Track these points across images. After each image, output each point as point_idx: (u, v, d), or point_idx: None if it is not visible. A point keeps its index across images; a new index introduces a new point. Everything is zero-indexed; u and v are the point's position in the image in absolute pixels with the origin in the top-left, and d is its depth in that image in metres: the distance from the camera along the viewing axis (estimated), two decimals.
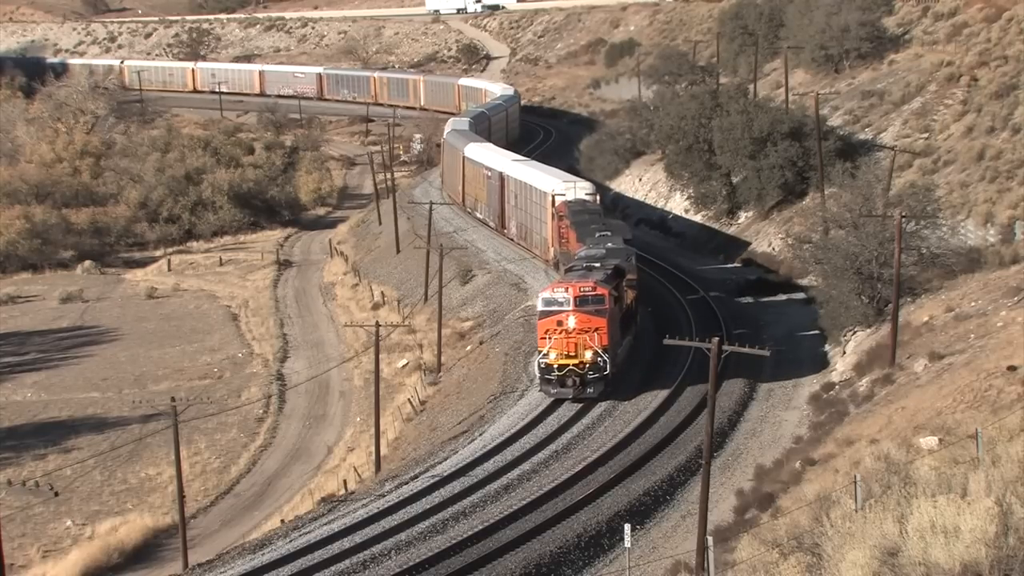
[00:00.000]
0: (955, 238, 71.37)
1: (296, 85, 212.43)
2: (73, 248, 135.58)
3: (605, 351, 58.64)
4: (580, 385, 59.09)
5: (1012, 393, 42.29)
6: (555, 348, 58.79)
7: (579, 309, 58.76)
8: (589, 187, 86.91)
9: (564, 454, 54.08)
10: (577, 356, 58.74)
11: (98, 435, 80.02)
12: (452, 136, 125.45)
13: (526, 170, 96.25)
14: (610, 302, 59.40)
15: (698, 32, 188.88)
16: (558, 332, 58.72)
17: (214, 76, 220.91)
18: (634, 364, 65.67)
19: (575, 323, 58.57)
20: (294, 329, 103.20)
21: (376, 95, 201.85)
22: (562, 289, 59.63)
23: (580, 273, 63.45)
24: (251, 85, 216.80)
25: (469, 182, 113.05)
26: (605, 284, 60.32)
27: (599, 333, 58.63)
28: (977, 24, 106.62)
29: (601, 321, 58.70)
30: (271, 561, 45.33)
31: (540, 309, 59.77)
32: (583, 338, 58.54)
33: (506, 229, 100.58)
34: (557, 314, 58.88)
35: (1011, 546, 27.38)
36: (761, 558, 33.34)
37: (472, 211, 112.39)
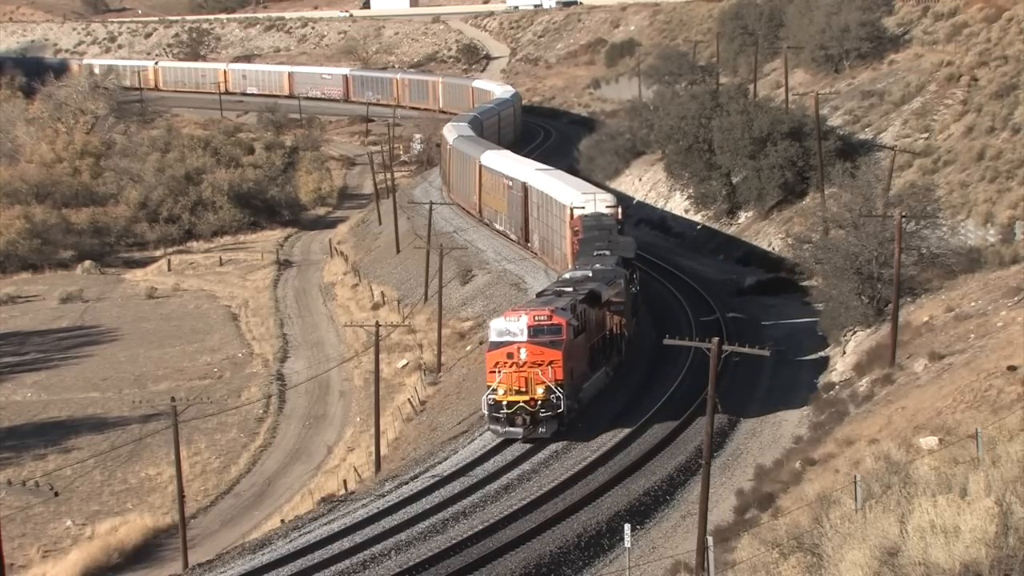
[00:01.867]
0: (955, 238, 71.37)
1: (324, 87, 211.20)
2: (73, 248, 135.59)
3: (560, 387, 53.80)
4: (531, 424, 54.10)
5: (1012, 393, 42.29)
6: (504, 383, 53.93)
7: (533, 340, 54.07)
8: (610, 199, 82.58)
9: (564, 454, 54.09)
10: (528, 392, 53.84)
11: (98, 435, 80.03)
12: (462, 142, 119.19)
13: (549, 180, 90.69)
14: (568, 332, 54.73)
15: (698, 32, 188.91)
16: (508, 365, 53.98)
17: (245, 78, 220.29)
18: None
19: (527, 356, 53.83)
20: (294, 329, 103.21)
21: (399, 97, 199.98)
22: (515, 318, 54.90)
23: (545, 299, 59.35)
24: (280, 87, 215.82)
25: (487, 192, 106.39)
26: (564, 313, 55.56)
27: (553, 367, 53.79)
28: (977, 24, 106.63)
29: (556, 354, 53.89)
30: (271, 561, 45.32)
31: (491, 340, 55.27)
32: (535, 372, 53.73)
33: (529, 243, 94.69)
34: (508, 346, 54.16)
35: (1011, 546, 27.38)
36: (761, 558, 33.34)
37: (490, 223, 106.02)
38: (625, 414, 58.51)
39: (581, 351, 57.10)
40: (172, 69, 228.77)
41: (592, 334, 59.32)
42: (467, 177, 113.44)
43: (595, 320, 59.91)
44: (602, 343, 61.42)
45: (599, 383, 60.68)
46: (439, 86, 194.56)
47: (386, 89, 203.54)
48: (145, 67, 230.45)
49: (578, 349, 56.46)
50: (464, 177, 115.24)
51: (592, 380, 59.22)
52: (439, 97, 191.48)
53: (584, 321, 57.57)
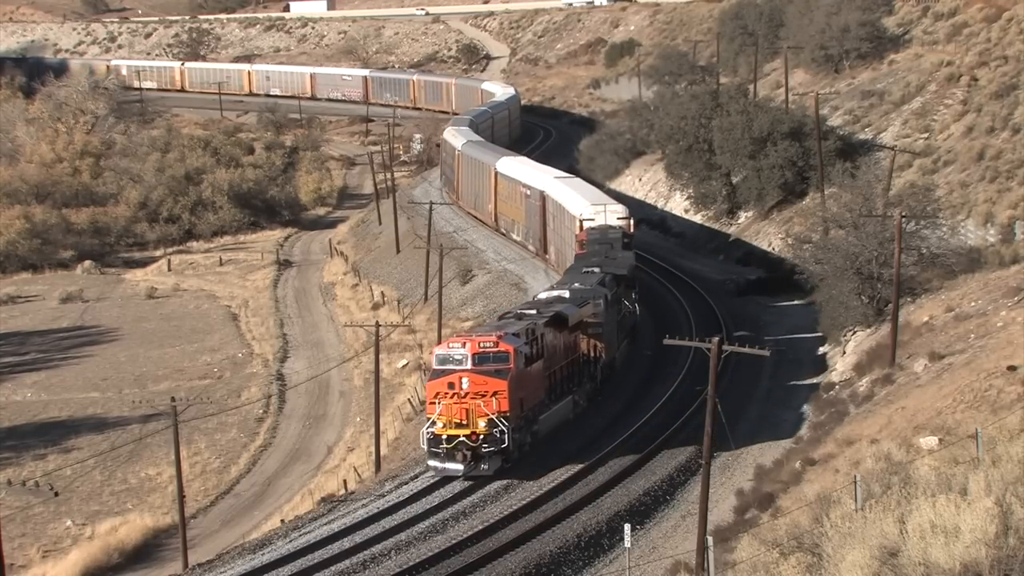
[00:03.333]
0: (955, 238, 71.37)
1: (344, 88, 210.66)
2: (73, 248, 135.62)
3: (505, 420, 49.82)
4: (472, 460, 50.24)
5: (1012, 393, 42.28)
6: (444, 415, 50.01)
7: (476, 369, 50.12)
8: (621, 211, 79.35)
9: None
10: (469, 425, 49.94)
11: (98, 435, 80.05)
12: (473, 148, 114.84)
13: (565, 189, 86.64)
14: (517, 360, 50.70)
15: (698, 32, 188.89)
16: (449, 396, 49.96)
17: (269, 79, 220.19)
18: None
19: (469, 386, 49.88)
20: (294, 329, 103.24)
21: (415, 99, 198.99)
22: (459, 344, 51.08)
23: (504, 322, 55.65)
24: (302, 88, 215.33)
25: (503, 201, 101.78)
26: (513, 339, 51.34)
27: (498, 398, 49.81)
28: (977, 24, 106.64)
29: (501, 384, 49.84)
30: (271, 561, 45.32)
31: (433, 367, 51.49)
32: (477, 404, 49.84)
33: (548, 255, 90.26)
34: (449, 374, 50.14)
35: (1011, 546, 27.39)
36: (761, 558, 33.34)
37: (507, 233, 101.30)
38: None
39: (535, 380, 53.07)
40: (198, 70, 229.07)
41: (554, 360, 55.44)
42: (481, 185, 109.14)
43: (561, 345, 56.14)
44: (570, 370, 57.46)
45: (562, 414, 56.70)
46: (452, 88, 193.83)
47: (403, 91, 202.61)
48: (172, 68, 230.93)
49: (531, 378, 52.50)
50: (477, 185, 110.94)
51: (553, 411, 55.26)
52: (452, 99, 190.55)
53: (541, 347, 53.61)
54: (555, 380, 55.59)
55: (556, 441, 55.01)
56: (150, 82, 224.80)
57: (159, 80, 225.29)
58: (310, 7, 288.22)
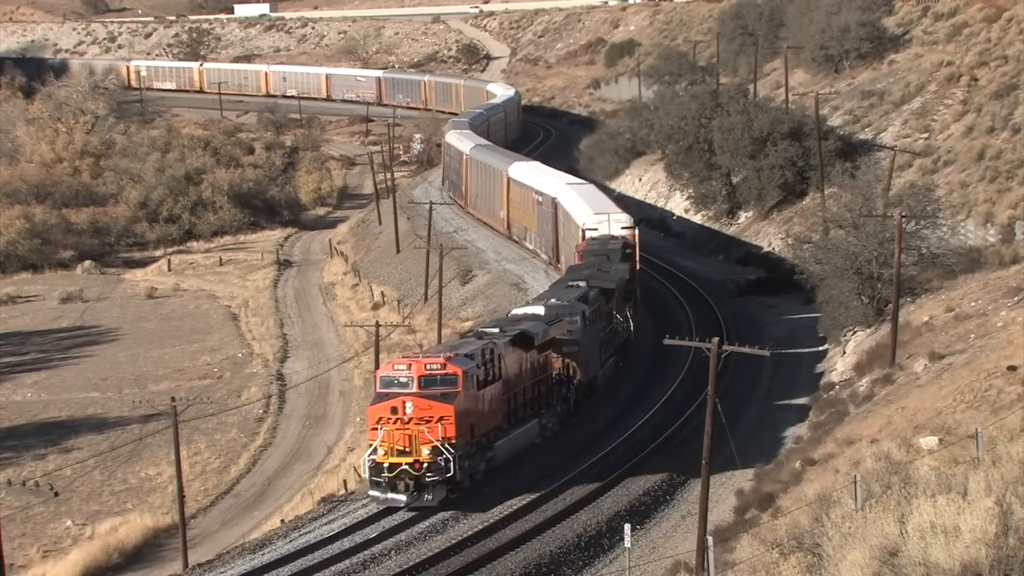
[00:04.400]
0: (955, 238, 71.41)
1: (358, 89, 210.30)
2: (73, 248, 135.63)
3: (451, 447, 46.58)
4: (415, 490, 46.93)
5: (1012, 393, 42.29)
6: (386, 442, 46.92)
7: (421, 392, 47.07)
8: (626, 220, 77.55)
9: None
10: (412, 453, 46.76)
11: (98, 435, 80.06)
12: (482, 152, 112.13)
13: (574, 196, 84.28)
14: (467, 383, 47.57)
15: (698, 32, 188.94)
16: (391, 422, 46.96)
17: (285, 80, 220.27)
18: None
19: (413, 410, 46.80)
20: (294, 329, 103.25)
21: (426, 99, 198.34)
22: (404, 366, 47.89)
23: (457, 343, 53.41)
24: (318, 89, 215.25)
25: (516, 207, 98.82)
26: (464, 360, 48.22)
27: (444, 424, 46.63)
28: (977, 24, 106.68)
29: (447, 408, 46.67)
30: (271, 561, 45.30)
31: (376, 391, 48.48)
32: (421, 430, 46.70)
33: (560, 265, 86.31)
34: (393, 398, 47.16)
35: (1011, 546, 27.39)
36: (761, 558, 33.35)
37: (520, 241, 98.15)
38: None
39: (491, 403, 49.83)
40: (216, 71, 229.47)
41: (517, 382, 52.36)
42: (492, 191, 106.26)
43: (525, 365, 53.07)
44: (536, 391, 54.42)
45: (526, 438, 53.36)
46: (460, 89, 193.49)
47: (415, 92, 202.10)
48: (190, 68, 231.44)
49: (485, 401, 49.29)
50: (488, 191, 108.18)
51: (513, 436, 51.96)
52: (461, 100, 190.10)
53: (499, 368, 50.43)
54: (517, 403, 52.45)
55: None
56: (169, 83, 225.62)
57: (178, 81, 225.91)
58: (255, 8, 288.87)
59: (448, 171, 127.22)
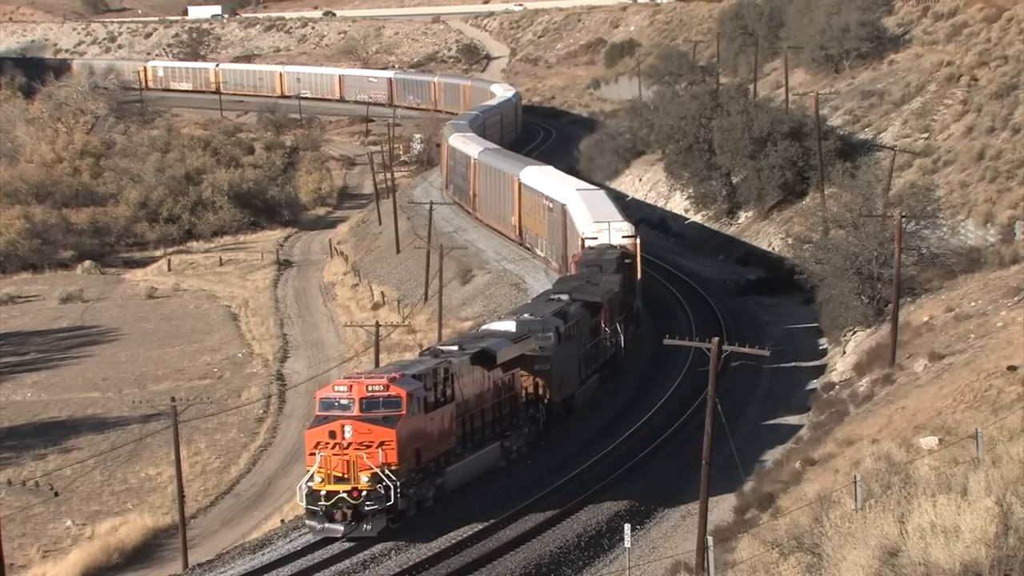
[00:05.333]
0: (955, 238, 71.40)
1: (370, 90, 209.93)
2: (73, 248, 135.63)
3: (392, 473, 43.86)
4: (353, 519, 44.24)
5: (1012, 393, 42.28)
6: (323, 468, 44.23)
7: (362, 415, 44.39)
8: (627, 229, 75.03)
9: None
10: (351, 480, 44.08)
11: (98, 435, 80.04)
12: (492, 156, 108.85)
13: (581, 204, 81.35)
14: (412, 406, 44.97)
15: (698, 32, 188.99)
16: (330, 446, 44.29)
17: (299, 81, 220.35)
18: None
19: (352, 435, 44.10)
20: (294, 329, 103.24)
21: (436, 100, 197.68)
22: (344, 388, 45.26)
23: (407, 362, 51.01)
24: (331, 90, 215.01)
25: (527, 214, 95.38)
26: (409, 381, 45.52)
27: (385, 449, 43.94)
28: (977, 24, 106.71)
29: (389, 433, 44.03)
30: (271, 561, 45.32)
31: (316, 413, 45.68)
32: (360, 456, 43.97)
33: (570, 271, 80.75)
34: (332, 422, 44.52)
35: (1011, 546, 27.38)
36: (761, 558, 33.36)
37: (532, 248, 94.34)
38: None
39: (441, 426, 47.17)
40: (232, 71, 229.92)
41: (475, 403, 49.61)
42: (502, 196, 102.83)
43: (487, 385, 50.38)
44: (499, 412, 51.62)
45: (484, 463, 50.45)
46: (467, 90, 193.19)
47: (425, 93, 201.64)
48: (207, 68, 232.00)
49: (434, 424, 46.67)
50: (498, 196, 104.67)
51: (468, 461, 49.06)
52: (468, 100, 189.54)
53: (452, 389, 47.75)
54: (474, 425, 49.63)
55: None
56: (186, 83, 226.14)
57: (195, 81, 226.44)
58: (206, 10, 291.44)
59: (454, 175, 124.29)
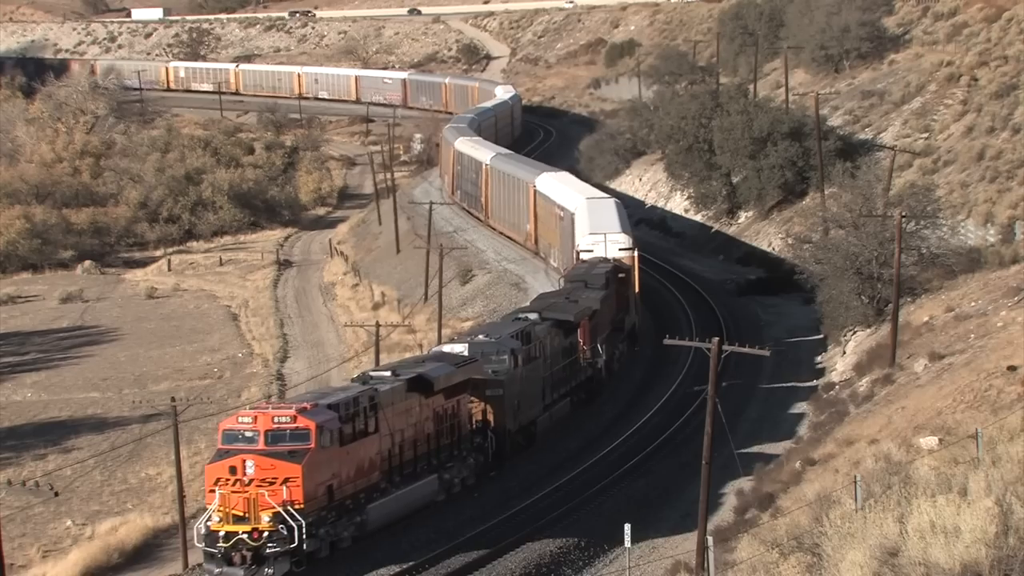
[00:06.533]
0: (955, 238, 71.42)
1: (385, 92, 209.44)
2: (73, 248, 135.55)
3: (297, 513, 40.96)
4: (253, 563, 41.13)
5: (1012, 393, 42.30)
6: (222, 507, 41.34)
7: (267, 449, 41.52)
8: (624, 241, 72.01)
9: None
10: (251, 519, 41.18)
11: (98, 435, 79.98)
12: (504, 162, 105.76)
13: (584, 214, 78.07)
14: (323, 438, 41.92)
15: (698, 32, 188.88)
16: (229, 483, 41.40)
17: (317, 82, 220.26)
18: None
19: (254, 470, 41.24)
20: (294, 329, 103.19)
21: (447, 102, 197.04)
22: (249, 419, 42.42)
23: (324, 390, 48.72)
24: (348, 91, 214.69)
25: (542, 222, 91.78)
26: (323, 413, 42.63)
27: (290, 486, 41.08)
28: (977, 24, 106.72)
29: (294, 468, 41.16)
30: None
31: (218, 446, 43.04)
32: (261, 493, 41.09)
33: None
34: (233, 456, 41.68)
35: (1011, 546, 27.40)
36: (761, 558, 33.38)
37: (546, 258, 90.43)
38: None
39: (362, 460, 44.05)
40: (252, 72, 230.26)
41: (408, 433, 46.64)
42: (517, 204, 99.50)
43: (422, 414, 47.42)
44: (437, 442, 48.40)
45: (418, 497, 47.22)
46: (475, 91, 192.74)
47: (436, 94, 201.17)
48: (227, 69, 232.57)
49: (352, 458, 43.53)
50: (512, 203, 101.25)
51: (396, 496, 45.81)
52: (476, 101, 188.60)
53: (376, 419, 44.64)
54: (403, 458, 46.46)
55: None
56: (207, 84, 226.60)
57: (215, 82, 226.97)
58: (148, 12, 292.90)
59: (461, 180, 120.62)
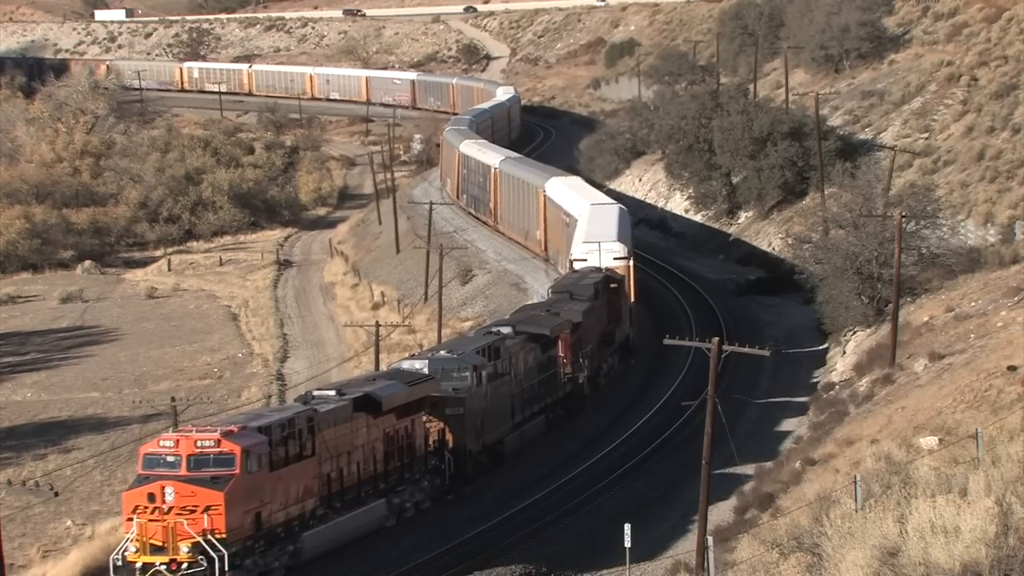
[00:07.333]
0: (955, 238, 71.43)
1: (395, 92, 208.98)
2: (73, 248, 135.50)
3: (219, 542, 38.94)
4: None
5: (1012, 393, 42.30)
6: (140, 536, 39.55)
7: (188, 475, 39.59)
8: (619, 250, 69.91)
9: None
10: (169, 550, 39.21)
11: (98, 435, 79.95)
12: (513, 166, 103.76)
13: (585, 221, 76.26)
14: (250, 464, 39.90)
15: (698, 32, 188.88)
16: (148, 511, 39.74)
17: (328, 83, 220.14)
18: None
19: (174, 498, 39.35)
20: (294, 329, 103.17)
21: (454, 103, 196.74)
22: (171, 442, 40.48)
23: (262, 412, 46.21)
24: (359, 92, 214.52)
25: (551, 227, 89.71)
26: (251, 436, 40.54)
27: (211, 515, 39.06)
28: (977, 24, 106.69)
29: (215, 496, 39.15)
30: None
31: (138, 471, 41.22)
32: (180, 522, 39.16)
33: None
34: (152, 482, 39.90)
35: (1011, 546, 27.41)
36: (761, 558, 33.38)
37: (555, 265, 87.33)
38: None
39: (295, 485, 42.07)
40: (264, 73, 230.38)
41: (353, 455, 44.75)
42: (526, 209, 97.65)
43: (370, 434, 45.47)
44: (387, 465, 46.44)
45: (362, 523, 45.14)
46: (480, 91, 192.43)
47: (444, 95, 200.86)
48: (240, 71, 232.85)
49: (284, 483, 41.56)
50: (521, 209, 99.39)
51: (336, 523, 43.81)
52: (481, 101, 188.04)
53: (313, 441, 42.57)
54: (346, 482, 44.49)
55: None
56: (221, 85, 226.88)
57: (228, 83, 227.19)
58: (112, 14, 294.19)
59: (468, 184, 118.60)
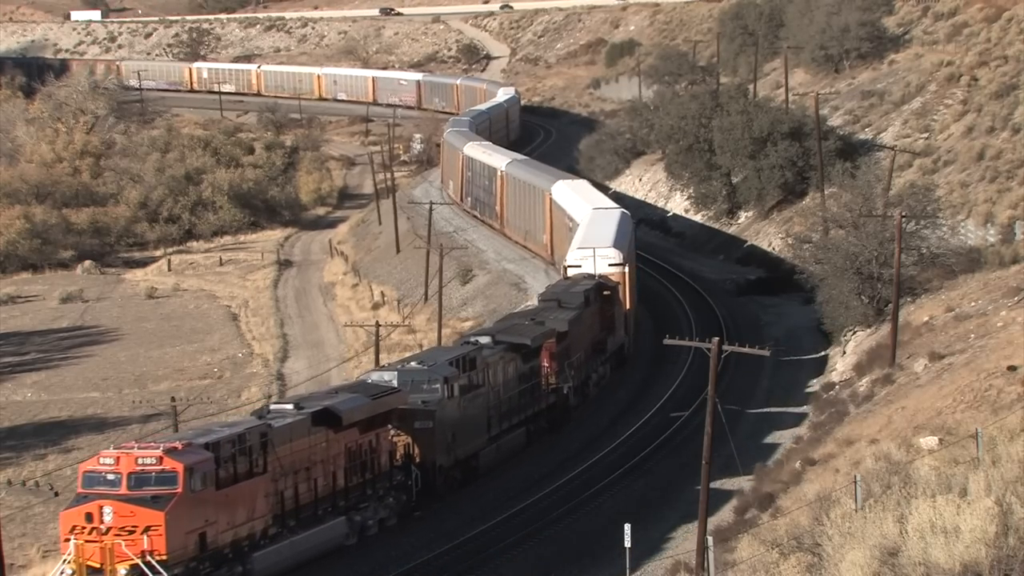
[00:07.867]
0: (955, 238, 71.46)
1: (401, 93, 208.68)
2: (73, 248, 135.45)
3: (160, 564, 37.63)
4: None
5: (1012, 393, 42.30)
6: (77, 558, 37.94)
7: (129, 494, 38.09)
8: (614, 256, 68.25)
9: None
10: (106, 572, 37.88)
11: (98, 435, 79.94)
12: (520, 169, 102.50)
13: (584, 226, 75.23)
14: (194, 482, 38.59)
15: (698, 32, 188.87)
16: (85, 531, 38.04)
17: (336, 83, 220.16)
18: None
19: (112, 518, 37.82)
20: (294, 329, 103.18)
21: (458, 103, 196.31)
22: (111, 460, 38.74)
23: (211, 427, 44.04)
24: (365, 92, 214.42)
25: (557, 232, 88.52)
26: (196, 453, 39.27)
27: (151, 536, 37.71)
28: (977, 24, 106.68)
29: (156, 516, 37.79)
30: None
31: (78, 490, 39.53)
32: (119, 543, 37.69)
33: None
34: (91, 501, 38.30)
35: (1011, 546, 27.41)
36: (761, 558, 33.39)
37: (559, 269, 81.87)
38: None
39: (245, 503, 40.72)
40: (273, 74, 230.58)
41: (311, 471, 43.52)
42: (532, 213, 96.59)
43: (330, 450, 44.28)
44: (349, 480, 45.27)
45: (320, 542, 43.81)
46: (484, 92, 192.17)
47: (448, 95, 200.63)
48: (249, 71, 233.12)
49: (232, 502, 40.16)
50: (528, 212, 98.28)
51: (291, 542, 42.46)
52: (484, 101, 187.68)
53: (266, 458, 41.39)
54: (302, 499, 43.24)
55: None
56: (230, 85, 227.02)
57: (237, 83, 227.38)
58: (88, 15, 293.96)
59: (472, 187, 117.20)
